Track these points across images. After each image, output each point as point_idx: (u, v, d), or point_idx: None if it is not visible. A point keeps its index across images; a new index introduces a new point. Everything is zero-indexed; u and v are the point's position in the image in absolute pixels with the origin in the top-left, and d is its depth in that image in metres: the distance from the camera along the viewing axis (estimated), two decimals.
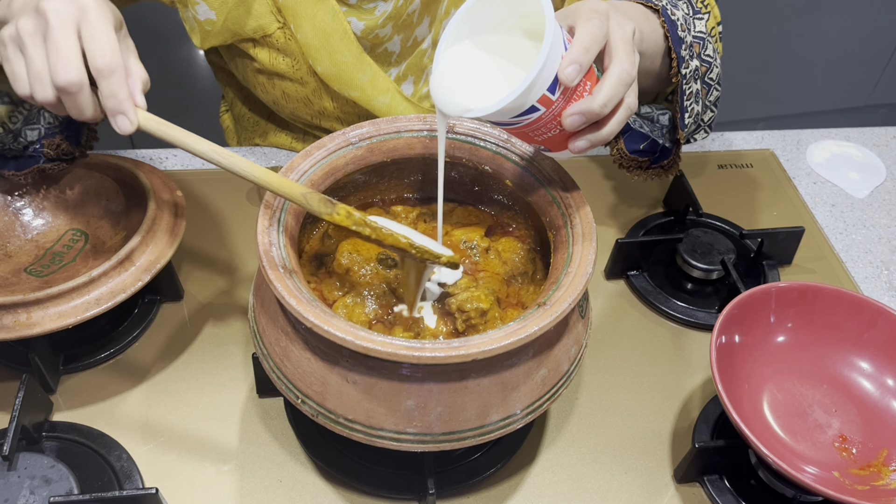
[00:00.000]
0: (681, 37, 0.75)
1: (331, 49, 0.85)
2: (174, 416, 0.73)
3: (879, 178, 1.08)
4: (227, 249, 0.89)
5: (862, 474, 0.68)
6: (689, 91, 0.78)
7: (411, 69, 0.91)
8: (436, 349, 0.53)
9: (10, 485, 0.64)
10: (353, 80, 0.87)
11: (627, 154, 0.84)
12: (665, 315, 0.86)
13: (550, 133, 0.60)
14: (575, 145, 0.62)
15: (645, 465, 0.72)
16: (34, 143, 0.76)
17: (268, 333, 0.61)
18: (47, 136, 0.76)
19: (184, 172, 0.98)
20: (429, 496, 0.65)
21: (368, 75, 0.88)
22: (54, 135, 0.77)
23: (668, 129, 0.83)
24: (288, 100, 0.94)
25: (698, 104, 0.79)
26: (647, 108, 0.83)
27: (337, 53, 0.85)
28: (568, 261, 0.60)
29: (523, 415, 0.60)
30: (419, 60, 0.90)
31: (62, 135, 0.77)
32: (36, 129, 0.76)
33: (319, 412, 0.59)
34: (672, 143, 0.83)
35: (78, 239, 0.80)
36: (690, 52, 0.76)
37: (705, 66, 0.79)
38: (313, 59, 0.86)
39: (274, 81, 0.92)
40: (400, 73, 0.91)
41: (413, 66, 0.91)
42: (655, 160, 0.85)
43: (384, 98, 0.90)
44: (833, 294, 0.74)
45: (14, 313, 0.67)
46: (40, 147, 0.76)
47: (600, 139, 0.62)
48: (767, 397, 0.73)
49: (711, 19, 0.81)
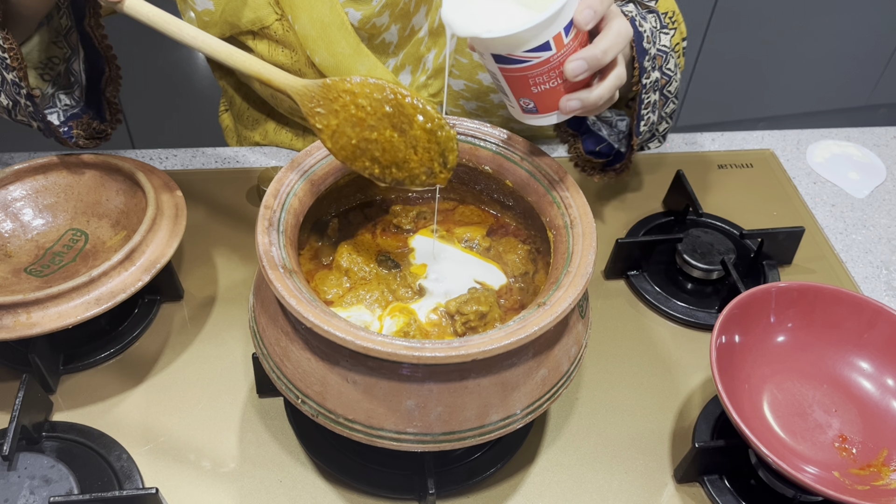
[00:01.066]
0: (646, 48, 0.78)
1: (328, 40, 0.85)
2: (174, 416, 0.73)
3: (879, 178, 1.08)
4: (227, 249, 0.89)
5: (862, 474, 0.68)
6: (648, 101, 0.80)
7: (409, 59, 0.91)
8: (436, 349, 0.53)
9: (10, 485, 0.64)
10: (350, 71, 0.87)
11: (584, 154, 0.88)
12: (665, 315, 0.86)
13: (548, 84, 0.61)
14: (567, 105, 0.63)
15: (645, 465, 0.72)
16: (61, 127, 0.76)
17: (268, 333, 0.61)
18: (72, 118, 0.76)
19: (184, 172, 0.98)
20: (429, 496, 0.65)
21: (366, 66, 0.88)
22: (79, 116, 0.76)
23: (624, 135, 0.86)
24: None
25: (654, 114, 0.82)
26: (607, 112, 0.85)
27: (335, 44, 0.85)
28: (568, 261, 0.60)
29: (523, 415, 0.60)
30: (416, 50, 0.90)
31: (87, 114, 0.77)
32: (55, 112, 0.76)
33: (319, 412, 0.59)
34: (626, 149, 0.86)
35: (78, 239, 0.80)
36: (653, 63, 0.79)
37: (665, 78, 0.81)
38: (311, 50, 0.86)
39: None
40: (397, 64, 0.92)
41: (410, 56, 0.91)
42: (609, 163, 0.88)
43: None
44: (833, 294, 0.74)
45: (14, 313, 0.67)
46: (69, 130, 0.76)
47: (590, 102, 0.63)
48: (767, 397, 0.73)
49: (677, 35, 0.84)
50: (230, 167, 1.00)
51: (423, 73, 0.92)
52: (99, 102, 0.82)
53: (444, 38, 0.89)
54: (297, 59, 0.89)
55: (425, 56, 0.91)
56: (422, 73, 0.92)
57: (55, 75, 0.79)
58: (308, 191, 0.65)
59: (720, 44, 2.15)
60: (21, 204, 0.81)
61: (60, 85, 0.80)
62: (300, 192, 0.64)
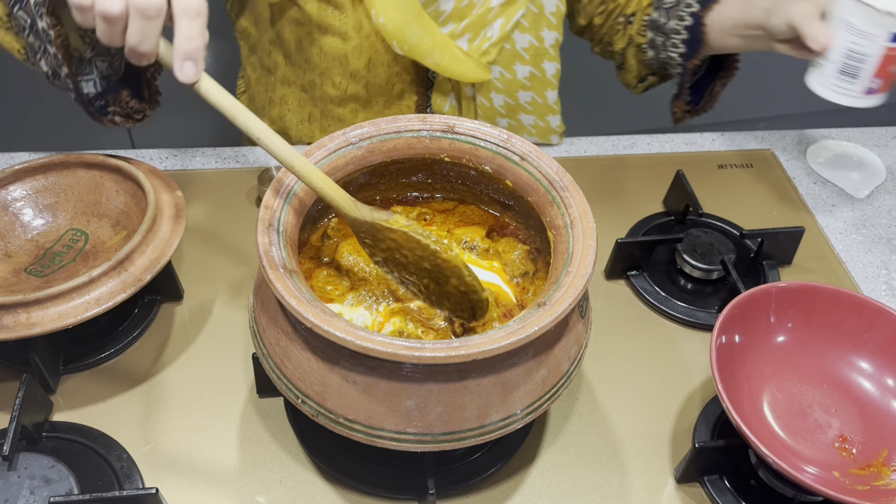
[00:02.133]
0: None
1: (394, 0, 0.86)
2: (174, 416, 0.73)
3: (879, 178, 1.08)
4: (227, 249, 0.89)
5: (862, 474, 0.68)
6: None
7: (471, 27, 0.92)
8: (436, 349, 0.53)
9: (10, 485, 0.64)
10: (409, 33, 0.88)
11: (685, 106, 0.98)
12: (665, 315, 0.86)
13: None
14: None
15: (645, 465, 0.72)
16: (97, 101, 0.74)
17: (268, 333, 0.61)
18: (109, 91, 0.73)
19: (184, 172, 0.98)
20: (429, 496, 0.65)
21: (427, 31, 0.89)
22: (117, 90, 0.73)
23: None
24: (322, 58, 0.93)
25: None
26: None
27: (398, 5, 0.86)
28: (568, 261, 0.60)
29: (523, 415, 0.60)
30: (482, 19, 0.91)
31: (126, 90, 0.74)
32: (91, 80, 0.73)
33: (319, 412, 0.59)
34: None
35: (78, 239, 0.80)
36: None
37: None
38: (376, 9, 0.87)
39: (314, 37, 0.92)
40: (455, 31, 0.92)
41: (473, 24, 0.92)
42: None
43: (438, 55, 0.91)
44: (833, 294, 0.74)
45: (14, 313, 0.67)
46: (105, 105, 0.74)
47: None
48: (767, 397, 0.73)
49: None
50: (230, 167, 1.00)
51: (485, 40, 0.92)
52: (139, 79, 0.78)
53: (514, 7, 0.91)
54: (346, 20, 0.89)
55: (491, 24, 0.91)
56: (483, 41, 0.92)
57: (95, 40, 0.75)
58: (308, 191, 0.65)
59: None
60: (21, 204, 0.81)
61: (99, 51, 0.76)
62: (300, 192, 0.64)
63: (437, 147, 0.69)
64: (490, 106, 1.00)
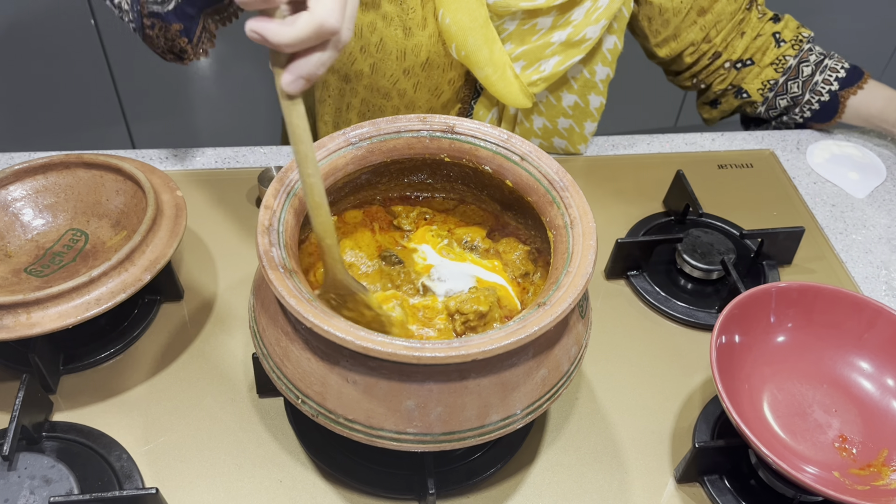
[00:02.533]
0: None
1: (463, 4, 0.86)
2: (174, 416, 0.73)
3: (879, 178, 1.08)
4: (227, 249, 0.89)
5: (862, 474, 0.68)
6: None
7: (527, 55, 0.92)
8: (436, 349, 0.53)
9: (10, 485, 0.64)
10: (470, 40, 0.88)
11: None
12: (665, 315, 0.86)
13: None
14: None
15: (645, 465, 0.72)
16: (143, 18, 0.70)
17: (268, 333, 0.61)
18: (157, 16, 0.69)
19: (184, 173, 0.98)
20: (429, 496, 0.65)
21: (487, 42, 0.89)
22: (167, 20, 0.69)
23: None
24: (380, 48, 0.92)
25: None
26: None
27: (466, 10, 0.86)
28: (568, 261, 0.60)
29: (523, 415, 0.60)
30: (540, 51, 0.91)
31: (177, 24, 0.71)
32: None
33: (319, 412, 0.59)
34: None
35: (78, 239, 0.80)
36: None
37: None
38: (445, 8, 0.87)
39: (376, 26, 0.90)
40: (511, 53, 0.92)
41: (530, 53, 0.92)
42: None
43: (490, 69, 0.91)
44: (833, 294, 0.74)
45: (14, 313, 0.67)
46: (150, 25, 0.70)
47: None
48: (767, 397, 0.73)
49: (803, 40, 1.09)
50: (230, 167, 1.00)
51: (537, 72, 0.93)
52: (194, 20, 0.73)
53: (573, 51, 0.91)
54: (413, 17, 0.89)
55: (547, 59, 0.92)
56: (534, 72, 0.93)
57: None
58: None
59: None
60: (21, 204, 0.81)
61: None
62: (300, 192, 0.64)
63: (437, 147, 0.69)
64: (529, 127, 1.01)
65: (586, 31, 0.89)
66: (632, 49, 1.06)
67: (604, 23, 0.90)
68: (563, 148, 1.04)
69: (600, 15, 0.89)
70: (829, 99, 1.07)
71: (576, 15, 0.89)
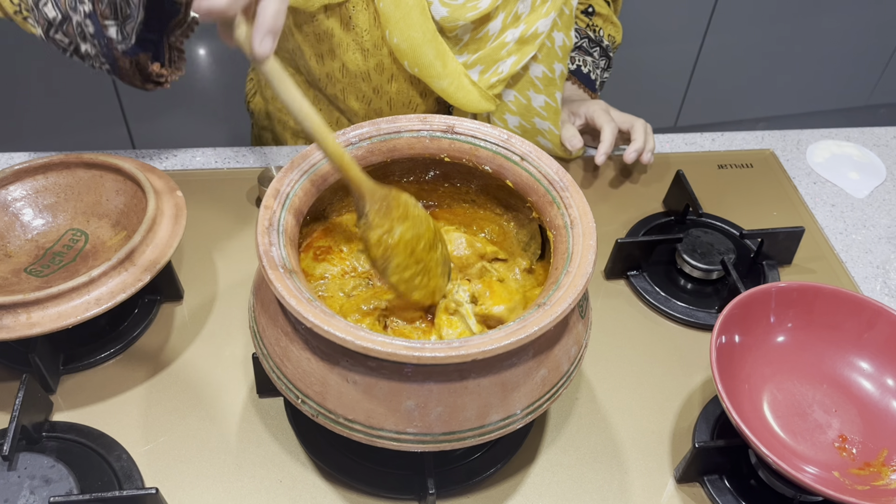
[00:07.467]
0: (593, 79, 1.08)
1: (409, 22, 0.86)
2: (174, 416, 0.73)
3: (879, 178, 1.08)
4: (227, 249, 0.89)
5: (862, 474, 0.68)
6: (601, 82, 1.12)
7: (484, 60, 0.92)
8: (436, 349, 0.53)
9: (10, 485, 0.64)
10: (421, 55, 0.88)
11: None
12: (665, 315, 0.86)
13: None
14: None
15: (645, 465, 0.72)
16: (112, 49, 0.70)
17: (268, 333, 0.61)
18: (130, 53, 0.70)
19: (184, 172, 0.98)
20: (429, 496, 0.65)
21: (439, 55, 0.89)
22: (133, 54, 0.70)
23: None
24: (345, 73, 0.94)
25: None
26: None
27: (413, 27, 0.86)
28: (568, 261, 0.60)
29: (523, 415, 0.60)
30: (495, 53, 0.92)
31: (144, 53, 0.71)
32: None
33: (319, 412, 0.59)
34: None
35: (78, 239, 0.80)
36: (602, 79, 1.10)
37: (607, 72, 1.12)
38: (391, 29, 0.87)
39: (335, 52, 0.92)
40: (468, 62, 0.92)
41: (486, 58, 0.92)
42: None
43: (446, 82, 0.91)
44: (833, 294, 0.74)
45: (14, 313, 0.67)
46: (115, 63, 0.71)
47: None
48: (767, 397, 0.73)
49: (613, 48, 1.11)
50: (230, 167, 1.00)
51: (496, 74, 0.93)
52: (159, 44, 0.73)
53: (528, 48, 0.91)
54: (368, 38, 0.89)
55: (504, 60, 0.92)
56: (493, 75, 0.93)
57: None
58: (308, 191, 0.65)
59: (720, 44, 2.15)
60: (21, 204, 0.81)
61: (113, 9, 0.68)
62: (300, 192, 0.64)
63: (437, 147, 0.69)
64: (505, 127, 1.00)
65: (537, 25, 0.90)
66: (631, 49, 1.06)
67: (553, 15, 0.90)
68: (549, 150, 1.04)
69: (549, 8, 0.90)
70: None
71: (521, 8, 0.89)
